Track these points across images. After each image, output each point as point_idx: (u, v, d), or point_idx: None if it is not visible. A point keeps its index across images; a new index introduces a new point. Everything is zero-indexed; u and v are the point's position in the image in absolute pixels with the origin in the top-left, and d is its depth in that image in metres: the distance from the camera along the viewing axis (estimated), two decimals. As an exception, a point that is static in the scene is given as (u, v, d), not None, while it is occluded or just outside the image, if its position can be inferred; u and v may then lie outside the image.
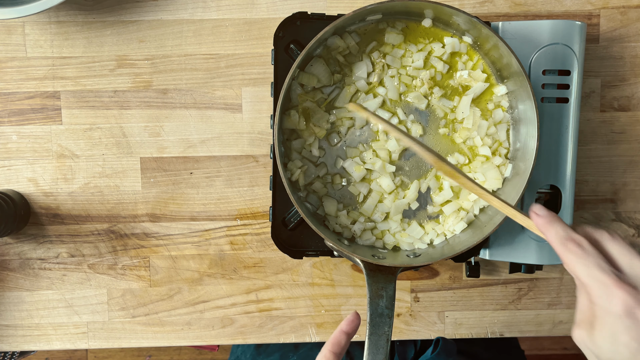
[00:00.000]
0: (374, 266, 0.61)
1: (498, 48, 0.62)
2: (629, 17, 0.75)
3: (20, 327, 0.76)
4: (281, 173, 0.61)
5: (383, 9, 0.62)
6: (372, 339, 0.58)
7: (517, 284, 0.78)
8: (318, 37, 0.60)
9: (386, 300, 0.60)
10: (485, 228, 0.63)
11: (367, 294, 0.60)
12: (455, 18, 0.62)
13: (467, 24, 0.63)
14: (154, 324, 0.77)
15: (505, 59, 0.62)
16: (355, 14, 0.60)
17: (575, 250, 0.44)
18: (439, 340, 0.72)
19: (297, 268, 0.77)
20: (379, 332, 0.58)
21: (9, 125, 0.74)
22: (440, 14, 0.63)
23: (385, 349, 0.58)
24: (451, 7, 0.60)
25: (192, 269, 0.76)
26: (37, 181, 0.74)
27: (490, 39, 0.62)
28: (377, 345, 0.58)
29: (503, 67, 0.64)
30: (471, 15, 0.60)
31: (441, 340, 0.72)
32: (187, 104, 0.74)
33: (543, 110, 0.67)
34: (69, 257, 0.76)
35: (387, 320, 0.59)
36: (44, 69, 0.73)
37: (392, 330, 0.59)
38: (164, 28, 0.73)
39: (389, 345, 0.58)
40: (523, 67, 0.60)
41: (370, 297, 0.59)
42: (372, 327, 0.58)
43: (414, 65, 0.66)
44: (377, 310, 0.59)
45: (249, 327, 0.78)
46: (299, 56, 0.61)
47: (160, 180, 0.75)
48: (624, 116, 0.77)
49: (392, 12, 0.64)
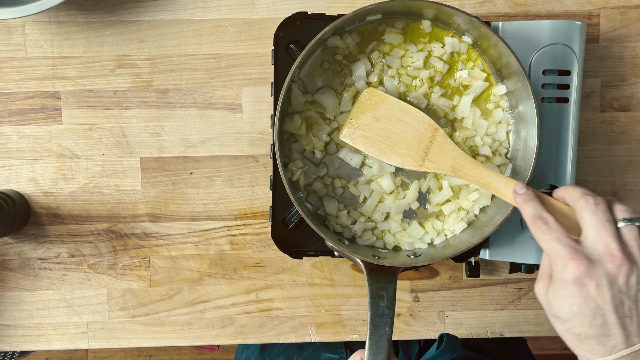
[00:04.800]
0: (374, 266, 0.61)
1: (497, 47, 0.62)
2: (629, 17, 0.75)
3: (20, 327, 0.76)
4: (281, 173, 0.61)
5: (383, 9, 0.62)
6: (372, 339, 0.58)
7: (517, 284, 0.78)
8: (317, 38, 0.60)
9: (387, 300, 0.60)
10: (485, 228, 0.63)
11: (368, 294, 0.60)
12: (455, 18, 0.62)
13: (467, 24, 0.63)
14: (154, 324, 0.77)
15: (505, 59, 0.62)
16: (355, 14, 0.60)
17: (541, 226, 0.52)
18: (442, 336, 0.72)
19: (297, 268, 0.77)
20: (379, 332, 0.58)
21: (9, 125, 0.74)
22: (440, 14, 0.63)
23: (386, 349, 0.58)
24: (451, 7, 0.60)
25: (192, 269, 0.76)
26: (37, 181, 0.74)
27: (489, 38, 0.62)
28: (378, 345, 0.58)
29: (503, 66, 0.64)
30: (471, 15, 0.60)
31: (445, 336, 0.72)
32: (187, 104, 0.74)
33: (543, 110, 0.67)
34: (69, 257, 0.76)
35: (387, 320, 0.59)
36: (44, 69, 0.73)
37: (393, 330, 0.59)
38: (164, 28, 0.73)
39: (390, 344, 0.58)
40: (522, 66, 0.60)
41: (370, 297, 0.59)
42: (373, 327, 0.58)
43: (413, 66, 0.66)
44: (377, 311, 0.59)
45: (249, 327, 0.78)
46: (298, 57, 0.61)
47: (160, 180, 0.75)
48: (624, 116, 0.77)
49: (392, 12, 0.64)
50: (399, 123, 0.62)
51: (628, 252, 0.49)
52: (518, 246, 0.68)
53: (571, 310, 0.49)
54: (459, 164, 0.60)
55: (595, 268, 0.49)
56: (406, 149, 0.62)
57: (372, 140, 0.63)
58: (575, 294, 0.49)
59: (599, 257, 0.49)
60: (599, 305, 0.48)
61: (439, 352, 0.71)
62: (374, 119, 0.63)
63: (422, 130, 0.62)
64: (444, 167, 0.61)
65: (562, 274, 0.49)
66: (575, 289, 0.49)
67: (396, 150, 0.62)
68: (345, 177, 0.68)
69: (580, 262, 0.48)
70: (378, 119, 0.63)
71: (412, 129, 0.62)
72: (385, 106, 0.63)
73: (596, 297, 0.48)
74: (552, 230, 0.51)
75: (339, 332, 0.78)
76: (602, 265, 0.49)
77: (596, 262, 0.49)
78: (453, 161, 0.60)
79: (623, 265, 0.48)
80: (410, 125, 0.62)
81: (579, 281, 0.48)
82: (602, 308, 0.48)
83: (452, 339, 0.71)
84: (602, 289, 0.48)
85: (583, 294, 0.48)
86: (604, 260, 0.49)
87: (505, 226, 0.68)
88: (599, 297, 0.48)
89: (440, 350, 0.71)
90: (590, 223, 0.50)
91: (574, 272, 0.48)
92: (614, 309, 0.48)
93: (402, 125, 0.62)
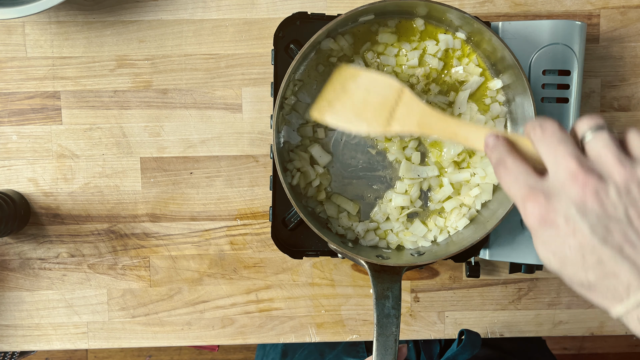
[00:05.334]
0: (378, 267, 0.61)
1: (491, 42, 0.62)
2: (629, 17, 0.75)
3: (20, 327, 0.76)
4: (281, 178, 0.60)
5: (375, 9, 0.62)
6: (380, 340, 0.58)
7: (517, 284, 0.78)
8: (311, 42, 0.60)
9: (392, 300, 0.59)
10: (488, 223, 0.63)
11: (373, 295, 0.59)
12: (448, 15, 0.62)
13: (459, 20, 0.63)
14: (154, 324, 0.77)
15: (499, 53, 0.62)
16: (347, 15, 0.60)
17: (500, 171, 0.44)
18: (462, 332, 0.72)
19: (297, 268, 0.77)
20: (386, 332, 0.58)
21: (9, 125, 0.74)
22: (432, 11, 0.63)
23: (393, 350, 0.58)
24: (442, 4, 0.60)
25: (192, 269, 0.76)
26: (37, 181, 0.74)
27: (483, 33, 0.62)
28: (386, 346, 0.58)
29: (498, 60, 0.64)
30: (463, 12, 0.60)
31: (465, 332, 0.71)
32: (187, 104, 0.74)
33: (543, 110, 0.67)
34: (69, 257, 0.76)
35: (394, 320, 0.58)
36: (44, 69, 0.73)
37: (399, 331, 0.58)
38: (164, 28, 0.73)
39: (397, 345, 0.58)
40: (517, 59, 0.60)
41: (376, 299, 0.59)
42: (380, 329, 0.58)
43: (408, 64, 0.66)
44: (383, 311, 0.59)
45: (249, 327, 0.78)
46: (293, 60, 0.60)
47: (160, 180, 0.75)
48: (624, 116, 0.77)
49: (384, 11, 0.64)
50: (366, 92, 0.59)
51: (592, 167, 0.40)
52: (518, 246, 0.68)
53: (555, 259, 0.41)
54: (424, 119, 0.56)
55: (559, 199, 0.40)
56: (372, 114, 0.58)
57: (340, 112, 0.59)
58: (548, 238, 0.40)
59: (561, 186, 0.40)
60: (580, 242, 0.39)
61: (459, 348, 0.71)
62: (343, 92, 0.60)
63: (389, 94, 0.59)
64: (410, 125, 0.57)
65: (527, 219, 0.41)
66: (544, 231, 0.40)
67: (362, 117, 0.59)
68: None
69: (536, 198, 0.40)
70: (346, 91, 0.60)
71: (379, 95, 0.59)
72: (356, 79, 0.60)
73: (571, 232, 0.39)
74: (509, 172, 0.43)
75: (339, 332, 0.78)
76: (565, 193, 0.40)
77: (557, 193, 0.40)
78: (419, 118, 0.57)
79: (587, 183, 0.39)
80: (377, 92, 0.59)
81: (544, 221, 0.40)
82: (586, 244, 0.39)
83: (472, 335, 0.71)
84: (574, 220, 0.39)
85: (555, 234, 0.40)
86: (566, 187, 0.40)
87: (506, 226, 0.68)
88: (575, 232, 0.39)
89: (461, 347, 0.71)
90: (544, 152, 0.42)
91: (534, 212, 0.41)
92: (601, 240, 0.39)
93: (370, 94, 0.59)
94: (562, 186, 0.40)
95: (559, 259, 0.41)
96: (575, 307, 0.79)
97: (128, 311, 0.77)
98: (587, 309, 0.79)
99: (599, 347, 1.68)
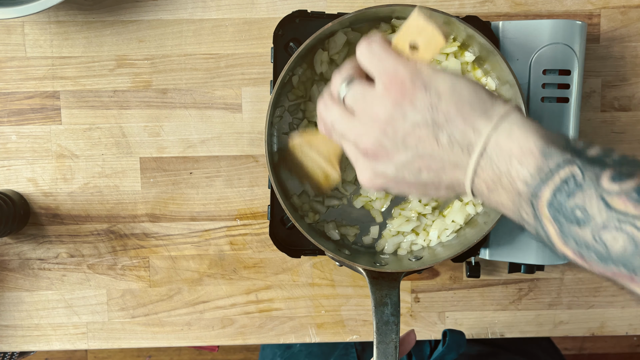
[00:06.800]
0: (376, 274, 0.61)
1: (474, 39, 0.61)
2: (629, 16, 0.75)
3: (19, 328, 0.76)
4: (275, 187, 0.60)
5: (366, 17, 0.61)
6: (380, 347, 0.57)
7: (517, 284, 0.78)
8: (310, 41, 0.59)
9: (391, 307, 0.59)
10: (485, 225, 0.63)
11: (372, 302, 0.59)
12: None
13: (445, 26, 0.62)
14: (153, 325, 0.77)
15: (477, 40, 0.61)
16: (334, 24, 0.59)
17: (321, 103, 0.50)
18: (445, 332, 0.72)
19: (297, 268, 0.77)
20: (386, 340, 0.58)
21: (8, 125, 0.74)
22: (402, 14, 0.62)
23: (394, 356, 0.57)
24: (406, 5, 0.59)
25: (192, 269, 0.76)
26: (37, 181, 0.74)
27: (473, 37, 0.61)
28: (386, 353, 0.57)
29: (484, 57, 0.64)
30: (448, 14, 0.59)
31: (448, 332, 0.71)
32: (187, 104, 0.74)
33: (543, 110, 0.67)
34: (68, 257, 0.76)
35: (393, 327, 0.58)
36: (43, 69, 0.73)
37: (399, 337, 0.58)
38: (163, 28, 0.73)
39: (398, 352, 0.58)
40: (494, 45, 0.59)
41: (375, 306, 0.59)
42: (379, 336, 0.58)
43: None
44: (382, 319, 0.58)
45: (249, 328, 0.77)
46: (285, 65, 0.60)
47: (160, 180, 0.75)
48: (624, 116, 0.76)
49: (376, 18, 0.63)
50: (316, 153, 0.59)
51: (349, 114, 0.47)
52: (518, 246, 0.68)
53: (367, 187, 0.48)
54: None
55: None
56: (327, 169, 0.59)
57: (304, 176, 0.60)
58: (363, 168, 0.47)
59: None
60: (375, 171, 0.46)
61: (444, 349, 0.71)
62: (301, 164, 0.60)
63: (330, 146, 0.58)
64: None
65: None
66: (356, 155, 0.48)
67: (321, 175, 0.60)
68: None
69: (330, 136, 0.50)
70: (304, 158, 0.60)
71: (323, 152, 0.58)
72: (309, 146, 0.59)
73: (380, 171, 0.46)
74: (323, 109, 0.50)
75: (339, 333, 0.78)
76: (347, 145, 0.47)
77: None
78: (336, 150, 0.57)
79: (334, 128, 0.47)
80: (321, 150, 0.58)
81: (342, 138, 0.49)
82: (380, 174, 0.46)
83: (456, 334, 0.71)
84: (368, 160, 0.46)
85: (365, 166, 0.47)
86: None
87: (505, 226, 0.68)
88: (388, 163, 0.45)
89: (446, 347, 0.71)
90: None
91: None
92: (393, 170, 0.46)
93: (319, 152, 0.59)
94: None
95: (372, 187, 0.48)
96: (576, 308, 0.79)
97: (128, 311, 0.77)
98: (587, 309, 0.79)
99: (599, 348, 1.68)
